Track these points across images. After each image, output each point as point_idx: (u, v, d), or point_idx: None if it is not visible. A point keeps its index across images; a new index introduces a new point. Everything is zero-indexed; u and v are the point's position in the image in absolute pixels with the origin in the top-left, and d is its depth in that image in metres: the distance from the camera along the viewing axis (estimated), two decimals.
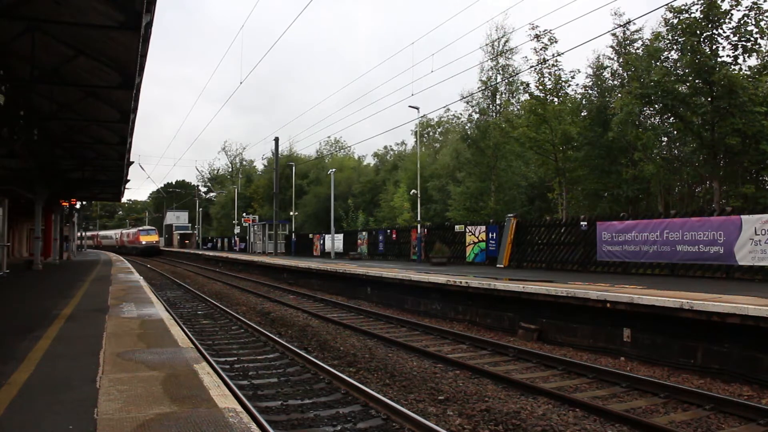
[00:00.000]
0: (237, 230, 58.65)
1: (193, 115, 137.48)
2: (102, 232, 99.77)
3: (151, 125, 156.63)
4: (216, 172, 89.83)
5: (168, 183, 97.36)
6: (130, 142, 18.52)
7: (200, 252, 55.45)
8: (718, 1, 19.08)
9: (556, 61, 25.82)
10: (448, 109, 36.03)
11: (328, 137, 70.17)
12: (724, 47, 19.52)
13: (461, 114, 50.64)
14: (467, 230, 24.53)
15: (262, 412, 6.28)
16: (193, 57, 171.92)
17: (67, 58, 11.48)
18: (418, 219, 31.29)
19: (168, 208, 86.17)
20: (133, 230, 74.97)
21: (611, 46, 28.93)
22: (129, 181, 30.51)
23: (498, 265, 21.28)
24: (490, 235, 22.94)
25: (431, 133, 62.38)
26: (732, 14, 19.14)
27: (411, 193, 37.18)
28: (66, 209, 34.94)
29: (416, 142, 44.35)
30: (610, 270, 17.16)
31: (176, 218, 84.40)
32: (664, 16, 21.19)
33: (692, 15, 19.58)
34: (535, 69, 26.59)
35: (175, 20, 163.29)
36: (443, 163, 43.51)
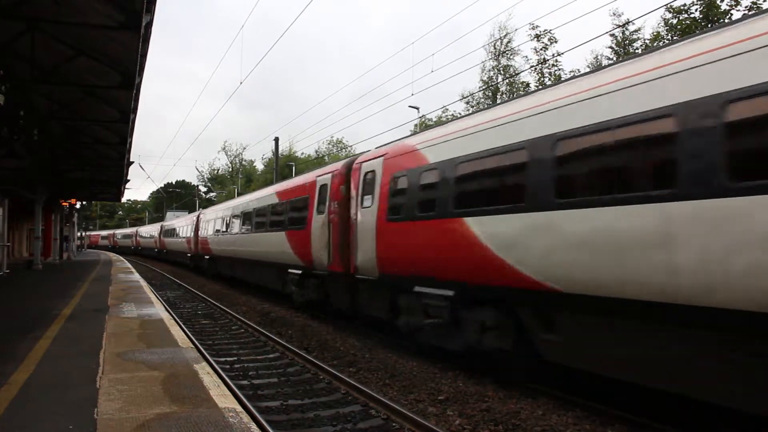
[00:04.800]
0: None
1: (196, 111, 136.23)
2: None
3: (152, 122, 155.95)
4: (216, 172, 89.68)
5: (168, 183, 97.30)
6: (130, 142, 18.53)
7: None
8: (718, 1, 19.10)
9: (556, 61, 25.85)
10: (447, 109, 35.86)
11: (331, 137, 69.70)
12: None
13: (461, 114, 50.59)
14: None
15: (262, 412, 6.27)
16: (199, 51, 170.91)
17: (67, 58, 11.48)
18: None
19: (168, 208, 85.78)
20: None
21: (610, 47, 28.95)
22: (129, 180, 30.56)
23: None
24: None
25: None
26: (732, 14, 19.17)
27: None
28: (66, 209, 34.95)
29: None
30: None
31: (176, 219, 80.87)
32: (664, 17, 21.22)
33: (691, 15, 19.60)
34: (536, 69, 26.60)
35: (181, 13, 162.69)
36: None
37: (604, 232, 5.77)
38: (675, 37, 20.64)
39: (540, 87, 17.64)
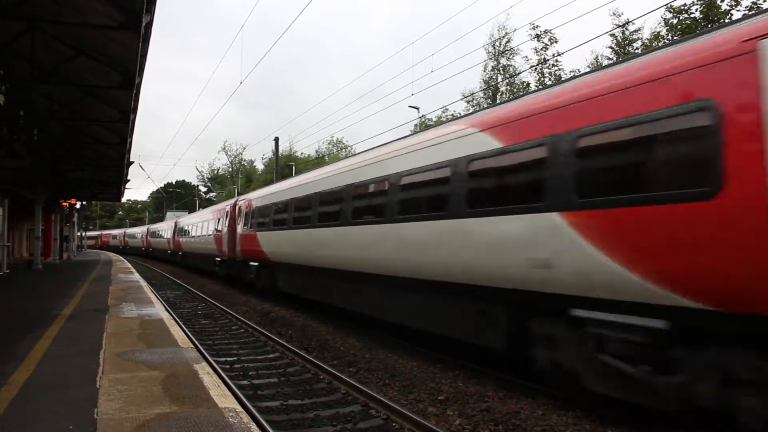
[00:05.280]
0: None
1: (196, 111, 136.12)
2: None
3: (152, 122, 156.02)
4: (216, 172, 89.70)
5: (168, 183, 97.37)
6: (130, 142, 18.54)
7: None
8: (718, 1, 19.10)
9: (557, 61, 25.86)
10: (447, 109, 35.90)
11: (331, 136, 69.67)
12: None
13: (461, 114, 50.60)
14: None
15: (262, 412, 6.28)
16: (199, 51, 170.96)
17: (67, 58, 11.49)
18: None
19: (168, 208, 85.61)
20: None
21: (610, 47, 28.96)
22: (129, 180, 30.57)
23: None
24: None
25: None
26: (732, 14, 19.17)
27: None
28: (66, 209, 34.97)
29: None
30: None
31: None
32: (664, 16, 21.22)
33: (692, 15, 19.60)
34: (536, 69, 26.62)
35: (181, 13, 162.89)
36: None
37: None
38: (675, 37, 20.67)
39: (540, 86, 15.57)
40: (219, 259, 23.72)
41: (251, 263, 18.40)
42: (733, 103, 4.84)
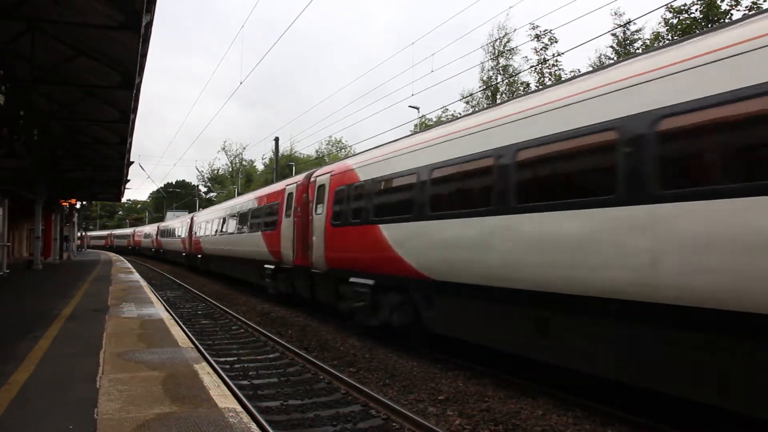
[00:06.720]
0: None
1: (197, 110, 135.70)
2: None
3: (152, 122, 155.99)
4: (216, 172, 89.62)
5: (168, 183, 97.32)
6: (130, 142, 18.53)
7: None
8: (718, 1, 19.10)
9: (557, 61, 25.85)
10: (446, 109, 35.91)
11: (330, 137, 69.57)
12: None
13: (461, 114, 50.53)
14: None
15: (262, 412, 6.28)
16: (199, 51, 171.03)
17: (67, 57, 11.48)
18: None
19: (168, 208, 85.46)
20: None
21: (611, 46, 28.93)
22: (129, 180, 30.55)
23: None
24: None
25: None
26: (732, 14, 19.17)
27: None
28: (66, 209, 34.97)
29: None
30: None
31: (176, 218, 76.85)
32: (664, 16, 21.21)
33: (692, 15, 19.60)
34: (536, 69, 26.61)
35: (181, 12, 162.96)
36: None
37: None
38: (675, 37, 20.66)
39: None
40: None
41: None
42: None
